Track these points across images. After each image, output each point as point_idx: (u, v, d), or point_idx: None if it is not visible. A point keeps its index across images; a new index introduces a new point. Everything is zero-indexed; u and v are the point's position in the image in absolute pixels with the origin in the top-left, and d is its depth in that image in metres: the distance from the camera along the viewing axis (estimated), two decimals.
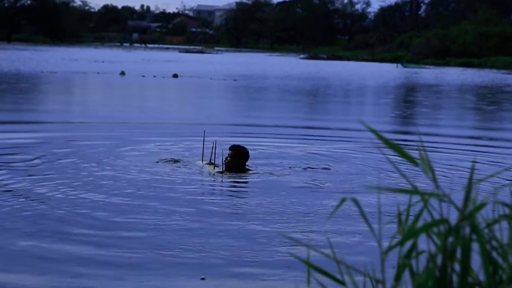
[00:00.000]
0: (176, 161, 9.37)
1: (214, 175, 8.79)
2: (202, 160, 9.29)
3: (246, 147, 9.21)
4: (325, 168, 9.55)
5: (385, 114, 19.77)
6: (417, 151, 1.92)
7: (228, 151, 9.06)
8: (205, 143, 9.34)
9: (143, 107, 18.27)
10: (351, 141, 12.47)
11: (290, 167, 9.56)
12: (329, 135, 13.27)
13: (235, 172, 8.89)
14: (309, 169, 9.47)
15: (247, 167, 9.13)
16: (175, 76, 32.11)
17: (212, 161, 9.11)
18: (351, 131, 13.89)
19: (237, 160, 9.00)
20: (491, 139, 14.05)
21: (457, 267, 1.79)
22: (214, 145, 9.10)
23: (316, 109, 20.59)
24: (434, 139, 12.85)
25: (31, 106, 17.79)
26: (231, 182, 8.48)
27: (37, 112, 16.50)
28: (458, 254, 1.79)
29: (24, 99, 19.19)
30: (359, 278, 2.01)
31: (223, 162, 9.02)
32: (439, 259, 1.79)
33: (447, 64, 67.29)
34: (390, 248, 1.86)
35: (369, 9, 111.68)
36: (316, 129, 14.41)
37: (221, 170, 8.91)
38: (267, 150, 11.00)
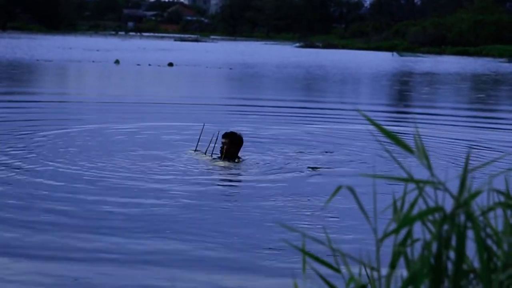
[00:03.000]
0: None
1: (211, 163, 8.68)
2: (195, 150, 9.14)
3: (240, 133, 9.12)
4: (321, 153, 9.62)
5: (389, 104, 19.79)
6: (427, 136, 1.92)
7: (223, 140, 8.94)
8: (203, 133, 9.22)
9: (136, 95, 18.22)
10: (348, 123, 12.57)
11: (285, 152, 9.59)
12: (328, 120, 13.32)
13: (231, 160, 8.83)
14: (305, 154, 9.49)
15: (240, 155, 9.09)
16: (171, 64, 32.04)
17: (203, 151, 8.97)
18: (350, 117, 13.91)
19: (234, 148, 8.93)
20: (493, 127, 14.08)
21: (452, 254, 1.80)
22: (209, 136, 8.95)
23: (315, 98, 20.59)
24: (436, 127, 12.88)
25: (20, 97, 17.74)
26: (228, 170, 8.46)
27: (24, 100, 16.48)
28: (453, 241, 1.79)
29: (17, 87, 19.14)
30: (354, 266, 2.01)
31: (221, 151, 8.91)
32: (434, 247, 1.79)
33: (443, 52, 67.24)
34: (386, 235, 1.86)
35: None
36: (314, 115, 14.43)
37: (215, 159, 8.78)
38: (263, 134, 11.06)
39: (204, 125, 9.27)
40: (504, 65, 47.76)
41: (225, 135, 8.97)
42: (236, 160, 8.83)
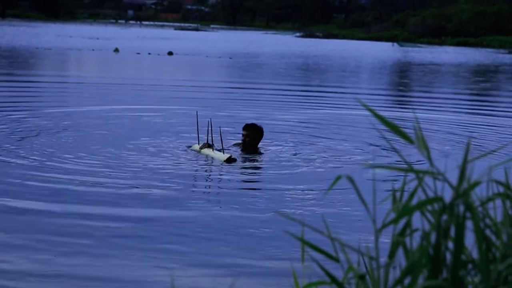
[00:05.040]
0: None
1: (229, 161, 8.03)
2: (198, 143, 8.65)
3: (261, 125, 8.89)
4: (322, 141, 9.66)
5: (395, 91, 19.79)
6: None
7: (244, 132, 8.67)
8: (197, 123, 8.67)
9: (133, 81, 18.22)
10: (353, 109, 12.62)
11: (286, 141, 9.59)
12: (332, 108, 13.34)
13: (251, 152, 8.57)
14: (306, 142, 9.51)
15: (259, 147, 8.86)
16: (170, 53, 32.00)
17: (210, 143, 8.44)
18: (355, 103, 13.92)
19: (255, 140, 8.68)
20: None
21: (451, 245, 1.80)
22: (210, 124, 8.40)
23: (321, 86, 20.57)
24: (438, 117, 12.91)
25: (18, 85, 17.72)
26: (244, 165, 8.17)
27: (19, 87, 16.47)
28: (452, 232, 1.79)
29: (15, 74, 19.11)
30: (353, 255, 2.02)
31: (242, 143, 8.67)
32: (433, 237, 1.80)
33: (443, 43, 67.14)
34: (384, 225, 1.86)
35: None
36: (319, 102, 14.43)
37: (233, 157, 8.14)
38: (264, 122, 11.11)
39: (197, 113, 8.83)
40: (507, 56, 47.70)
41: (246, 127, 8.70)
42: (254, 153, 8.58)
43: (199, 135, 8.65)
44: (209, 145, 8.47)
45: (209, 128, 8.43)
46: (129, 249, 4.98)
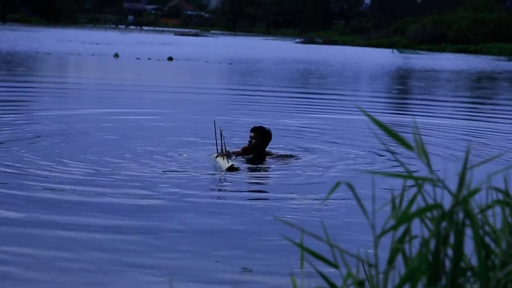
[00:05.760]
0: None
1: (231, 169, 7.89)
2: (217, 151, 8.48)
3: (269, 128, 8.81)
4: (321, 146, 9.67)
5: (398, 97, 19.81)
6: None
7: (251, 134, 8.63)
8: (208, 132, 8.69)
9: (132, 85, 18.23)
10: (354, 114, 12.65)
11: (288, 146, 9.58)
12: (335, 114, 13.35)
13: (259, 156, 8.53)
14: (306, 147, 9.52)
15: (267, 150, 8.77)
16: (170, 59, 32.03)
17: (223, 151, 8.31)
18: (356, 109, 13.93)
19: (263, 143, 8.63)
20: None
21: (450, 252, 1.80)
22: (221, 133, 8.30)
23: (324, 91, 20.58)
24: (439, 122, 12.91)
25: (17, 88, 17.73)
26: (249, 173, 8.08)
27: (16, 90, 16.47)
28: (451, 239, 1.79)
29: (14, 75, 19.13)
30: (352, 262, 2.01)
31: (248, 145, 8.63)
32: (432, 244, 1.79)
33: (443, 50, 67.25)
34: (384, 232, 1.86)
35: None
36: (320, 107, 14.44)
37: (235, 166, 7.97)
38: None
39: (215, 125, 8.61)
40: (507, 63, 47.78)
41: (254, 129, 8.67)
42: (261, 156, 8.53)
43: (213, 143, 8.56)
44: (224, 154, 8.30)
45: (221, 136, 8.33)
46: (123, 263, 4.86)
